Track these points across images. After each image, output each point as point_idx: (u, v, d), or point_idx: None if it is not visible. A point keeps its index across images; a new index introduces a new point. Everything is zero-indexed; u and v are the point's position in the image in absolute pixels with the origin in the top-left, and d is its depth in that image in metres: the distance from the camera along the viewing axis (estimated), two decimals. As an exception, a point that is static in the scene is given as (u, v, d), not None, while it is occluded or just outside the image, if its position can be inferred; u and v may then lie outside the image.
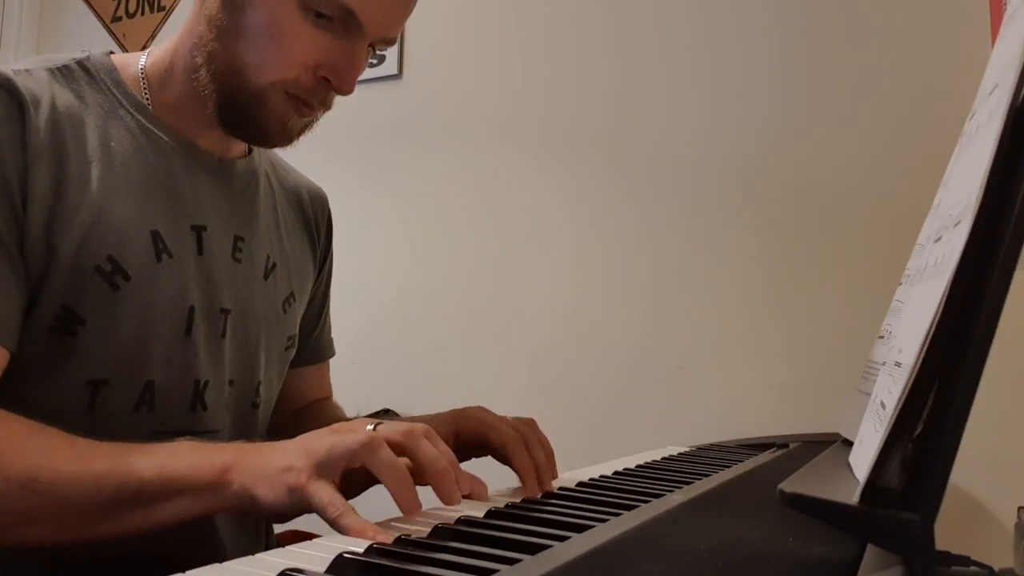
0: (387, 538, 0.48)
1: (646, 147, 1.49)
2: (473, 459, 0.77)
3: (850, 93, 1.32)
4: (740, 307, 1.38)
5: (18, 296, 0.65)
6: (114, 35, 2.27)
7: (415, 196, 1.73)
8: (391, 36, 0.75)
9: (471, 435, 0.77)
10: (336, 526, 0.53)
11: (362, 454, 0.56)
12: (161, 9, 2.18)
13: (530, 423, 0.76)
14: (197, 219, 0.77)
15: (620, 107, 1.53)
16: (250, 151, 0.87)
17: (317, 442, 0.57)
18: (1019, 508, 0.80)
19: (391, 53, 1.77)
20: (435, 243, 1.70)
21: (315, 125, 0.78)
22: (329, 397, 1.02)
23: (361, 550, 0.44)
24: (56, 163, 0.67)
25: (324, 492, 0.54)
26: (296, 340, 0.91)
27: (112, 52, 0.79)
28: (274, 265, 0.86)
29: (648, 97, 1.50)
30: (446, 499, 0.58)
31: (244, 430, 0.82)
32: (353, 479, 0.60)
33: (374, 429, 0.59)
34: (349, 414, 0.95)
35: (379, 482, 0.57)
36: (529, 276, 1.58)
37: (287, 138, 0.76)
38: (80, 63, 0.75)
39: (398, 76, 1.77)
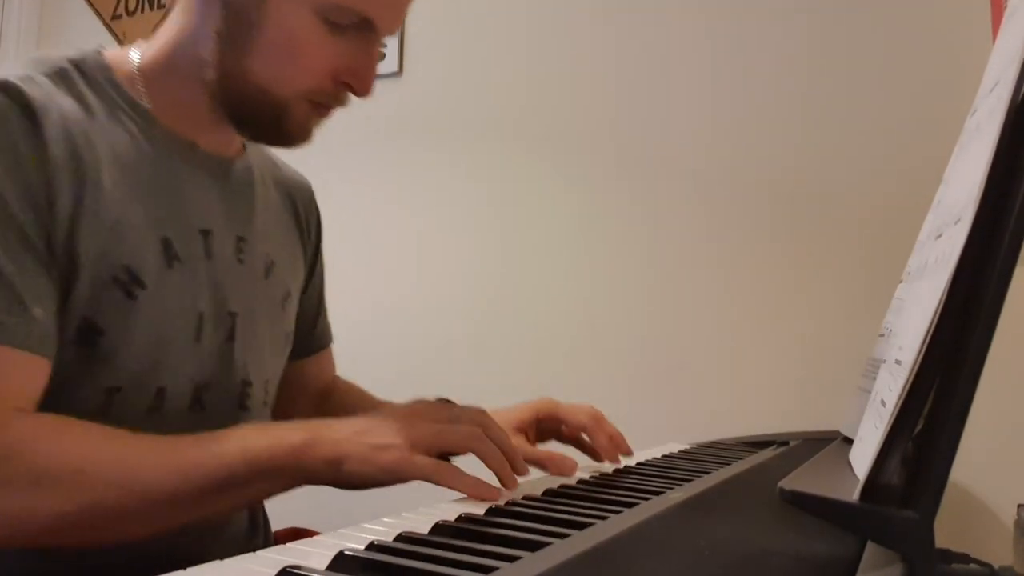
0: (495, 496, 0.60)
1: (648, 145, 1.49)
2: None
3: (852, 91, 1.32)
4: (741, 305, 1.38)
5: (54, 308, 0.65)
6: (114, 33, 2.27)
7: (415, 194, 1.73)
8: (395, 32, 0.78)
9: (550, 421, 0.89)
10: (443, 484, 0.61)
11: (472, 444, 0.64)
12: (161, 7, 2.18)
13: (593, 410, 0.90)
14: (204, 222, 0.77)
15: (622, 104, 1.52)
16: (244, 147, 0.87)
17: (411, 425, 0.64)
18: (1019, 506, 0.80)
19: (391, 50, 1.77)
20: (435, 241, 1.70)
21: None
22: (335, 375, 1.07)
23: (362, 547, 0.44)
24: (74, 173, 0.67)
25: (428, 463, 0.61)
26: (292, 336, 0.91)
27: (102, 48, 0.77)
28: (272, 263, 0.86)
29: (651, 95, 1.50)
30: (505, 483, 0.65)
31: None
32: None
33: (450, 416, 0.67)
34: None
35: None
36: (530, 273, 1.58)
37: (306, 139, 0.78)
38: (75, 64, 0.73)
39: (398, 74, 1.77)
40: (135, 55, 0.77)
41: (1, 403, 0.60)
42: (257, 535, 0.88)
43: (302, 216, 0.95)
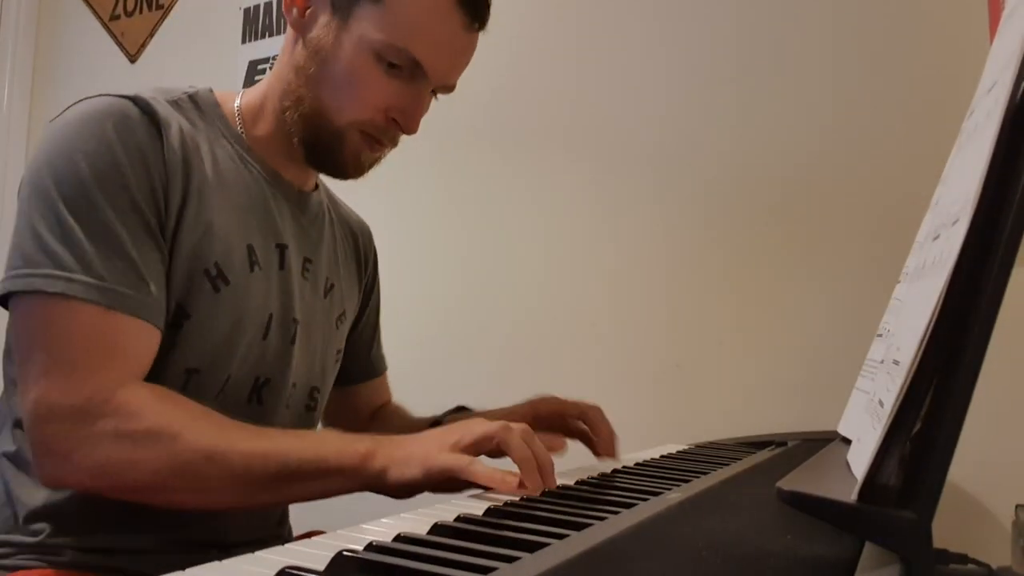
0: (510, 486, 0.64)
1: (645, 147, 1.49)
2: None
3: (849, 91, 1.32)
4: (739, 305, 1.38)
5: (165, 288, 0.76)
6: (112, 33, 2.26)
7: (411, 193, 1.73)
8: (451, 83, 0.86)
9: (550, 416, 0.92)
10: (465, 475, 0.65)
11: (501, 435, 0.68)
12: (160, 7, 2.18)
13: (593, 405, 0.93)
14: (280, 238, 0.88)
15: (620, 107, 1.52)
16: (316, 186, 0.98)
17: (447, 434, 0.70)
18: (1017, 506, 0.80)
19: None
20: (437, 244, 1.70)
21: (382, 160, 0.89)
22: (390, 400, 1.16)
23: (360, 548, 0.44)
24: (184, 177, 0.78)
25: (450, 458, 0.67)
26: (342, 354, 1.01)
27: (212, 89, 0.90)
28: (332, 286, 0.97)
29: (648, 97, 1.50)
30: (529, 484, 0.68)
31: (301, 428, 0.92)
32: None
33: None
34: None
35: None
36: (528, 274, 1.58)
37: (359, 171, 0.87)
38: (190, 97, 0.86)
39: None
40: (238, 99, 0.90)
41: (122, 365, 0.71)
42: (284, 527, 0.98)
43: (362, 253, 1.07)
